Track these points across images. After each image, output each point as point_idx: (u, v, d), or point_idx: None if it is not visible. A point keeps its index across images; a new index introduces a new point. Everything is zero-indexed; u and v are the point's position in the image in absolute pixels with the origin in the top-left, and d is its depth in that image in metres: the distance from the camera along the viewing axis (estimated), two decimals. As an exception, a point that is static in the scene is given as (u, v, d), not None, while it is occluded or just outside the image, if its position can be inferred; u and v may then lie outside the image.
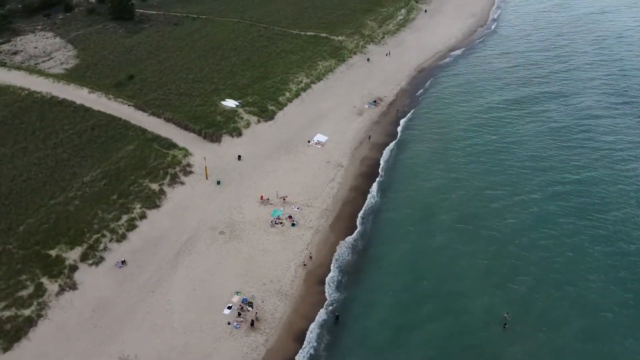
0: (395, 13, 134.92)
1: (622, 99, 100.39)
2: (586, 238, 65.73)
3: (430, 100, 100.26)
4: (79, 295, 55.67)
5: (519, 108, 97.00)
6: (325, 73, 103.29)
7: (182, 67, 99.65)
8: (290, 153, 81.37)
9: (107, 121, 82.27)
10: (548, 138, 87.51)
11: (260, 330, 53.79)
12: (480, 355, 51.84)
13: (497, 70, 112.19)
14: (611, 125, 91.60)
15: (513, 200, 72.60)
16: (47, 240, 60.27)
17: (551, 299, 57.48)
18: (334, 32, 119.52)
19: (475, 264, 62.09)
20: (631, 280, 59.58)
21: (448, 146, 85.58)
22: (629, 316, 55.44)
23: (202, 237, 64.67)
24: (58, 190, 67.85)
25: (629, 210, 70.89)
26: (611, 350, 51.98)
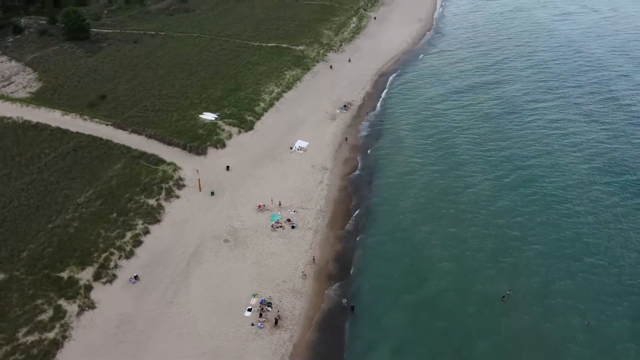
0: (347, 21, 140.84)
1: (547, 84, 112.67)
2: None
3: (395, 101, 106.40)
4: (99, 313, 56.05)
5: (471, 98, 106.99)
6: (294, 82, 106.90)
7: (153, 84, 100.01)
8: (276, 160, 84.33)
9: (88, 142, 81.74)
10: (503, 120, 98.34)
11: (284, 327, 56.50)
12: (481, 323, 57.16)
13: (448, 68, 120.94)
14: (540, 108, 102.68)
15: (482, 180, 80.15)
16: (55, 264, 59.97)
17: (535, 270, 63.95)
18: (294, 42, 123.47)
19: (463, 243, 68.00)
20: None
21: (417, 138, 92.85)
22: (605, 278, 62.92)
23: (208, 247, 66.39)
24: (53, 213, 67.21)
25: (572, 175, 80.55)
26: (594, 309, 58.90)
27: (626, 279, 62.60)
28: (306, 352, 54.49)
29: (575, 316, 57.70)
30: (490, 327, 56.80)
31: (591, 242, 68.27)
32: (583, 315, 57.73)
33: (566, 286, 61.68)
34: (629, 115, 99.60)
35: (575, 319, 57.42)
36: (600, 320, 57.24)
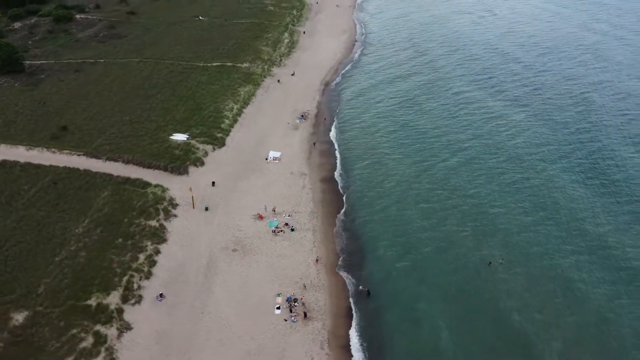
0: (280, 37, 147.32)
1: (469, 78, 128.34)
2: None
3: (344, 106, 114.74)
4: (137, 333, 57.45)
5: (408, 95, 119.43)
6: (249, 98, 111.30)
7: (113, 111, 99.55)
8: (256, 171, 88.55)
9: (66, 174, 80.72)
10: (438, 112, 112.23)
11: (314, 318, 61.49)
12: (471, 285, 66.60)
13: (383, 71, 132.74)
14: (466, 98, 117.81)
15: (435, 163, 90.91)
16: (77, 293, 60.21)
17: (512, 239, 74.60)
18: (237, 60, 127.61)
19: (436, 214, 77.88)
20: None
21: (372, 135, 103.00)
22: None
23: (220, 258, 69.47)
24: (56, 247, 66.64)
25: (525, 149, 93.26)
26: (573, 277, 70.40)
27: (573, 227, 75.36)
28: (341, 337, 60.09)
29: (534, 252, 68.95)
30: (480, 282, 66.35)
31: (537, 201, 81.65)
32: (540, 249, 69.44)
33: (526, 235, 73.84)
34: (543, 97, 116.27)
35: (534, 255, 68.68)
36: (559, 261, 69.01)
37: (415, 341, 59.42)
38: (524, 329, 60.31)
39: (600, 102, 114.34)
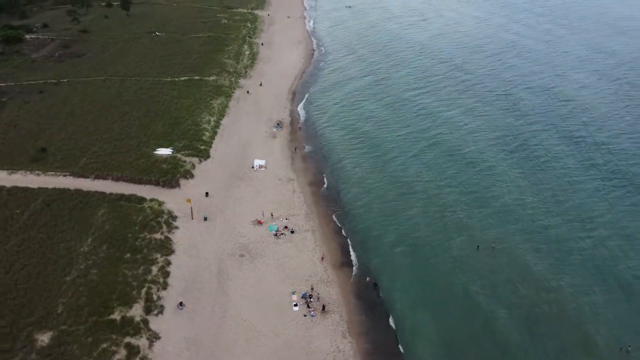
0: (241, 49, 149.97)
1: (417, 77, 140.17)
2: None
3: (316, 112, 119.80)
4: (166, 341, 58.77)
5: (371, 96, 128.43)
6: (223, 109, 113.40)
7: (90, 130, 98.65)
8: (245, 180, 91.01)
9: (57, 195, 79.88)
10: (400, 108, 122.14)
11: (332, 311, 65.14)
12: (458, 266, 73.22)
13: (344, 75, 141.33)
14: (420, 95, 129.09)
15: (408, 157, 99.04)
16: (98, 309, 60.69)
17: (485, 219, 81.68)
18: (203, 74, 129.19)
19: (420, 202, 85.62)
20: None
21: (346, 136, 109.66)
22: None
23: (229, 264, 71.62)
24: (65, 267, 66.42)
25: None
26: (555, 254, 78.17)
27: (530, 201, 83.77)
28: (359, 325, 64.21)
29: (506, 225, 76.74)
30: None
31: (498, 182, 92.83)
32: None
33: (492, 212, 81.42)
34: (485, 91, 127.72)
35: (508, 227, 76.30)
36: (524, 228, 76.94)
37: (424, 324, 64.51)
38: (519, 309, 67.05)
39: (529, 95, 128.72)
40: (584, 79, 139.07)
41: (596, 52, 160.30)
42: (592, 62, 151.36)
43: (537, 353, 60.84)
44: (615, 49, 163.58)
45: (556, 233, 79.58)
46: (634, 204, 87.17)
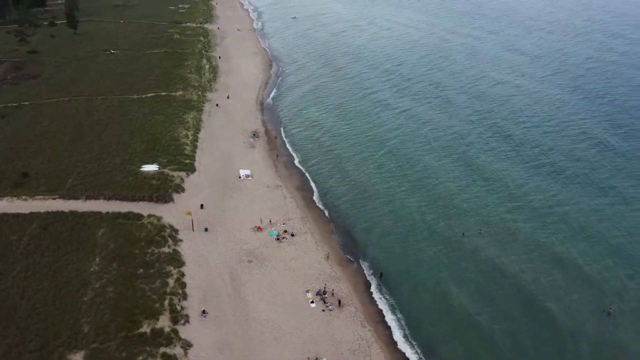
0: (200, 63, 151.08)
1: (374, 79, 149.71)
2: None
3: (287, 118, 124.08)
4: (199, 348, 60.62)
5: (334, 100, 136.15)
6: (198, 124, 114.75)
7: (68, 152, 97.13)
8: (235, 190, 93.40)
9: (52, 218, 78.92)
10: (360, 108, 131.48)
11: (347, 304, 69.42)
12: (447, 251, 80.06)
13: (307, 82, 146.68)
14: (379, 97, 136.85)
15: (375, 152, 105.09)
16: (125, 324, 61.55)
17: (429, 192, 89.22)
18: (169, 89, 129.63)
19: (398, 189, 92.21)
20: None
21: (321, 138, 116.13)
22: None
23: (240, 270, 74.13)
24: (79, 288, 66.44)
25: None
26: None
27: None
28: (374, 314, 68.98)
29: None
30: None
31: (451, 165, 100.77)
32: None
33: (465, 192, 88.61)
34: (438, 89, 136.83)
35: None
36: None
37: (428, 305, 70.51)
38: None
39: (484, 89, 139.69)
40: (505, 75, 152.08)
41: (511, 50, 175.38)
42: (509, 60, 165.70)
43: (524, 319, 68.14)
44: (526, 47, 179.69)
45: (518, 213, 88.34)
46: (585, 183, 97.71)
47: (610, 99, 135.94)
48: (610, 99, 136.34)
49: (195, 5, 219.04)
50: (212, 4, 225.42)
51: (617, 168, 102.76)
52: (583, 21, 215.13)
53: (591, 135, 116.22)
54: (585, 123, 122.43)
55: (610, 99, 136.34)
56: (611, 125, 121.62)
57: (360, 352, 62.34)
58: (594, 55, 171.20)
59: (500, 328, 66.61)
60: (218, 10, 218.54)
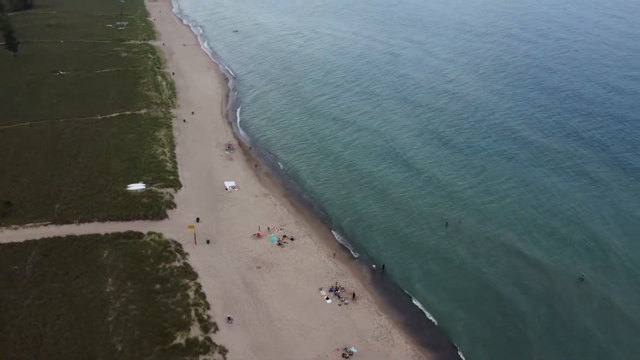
0: (156, 80, 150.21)
1: (326, 81, 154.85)
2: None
3: (256, 128, 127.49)
4: (235, 352, 63.11)
5: (295, 104, 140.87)
6: (171, 140, 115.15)
7: (47, 177, 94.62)
8: (225, 202, 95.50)
9: (51, 244, 77.68)
10: (317, 110, 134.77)
11: (360, 297, 74.32)
12: (427, 240, 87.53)
13: (267, 90, 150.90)
14: (331, 96, 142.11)
15: (342, 150, 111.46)
16: (158, 339, 62.89)
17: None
18: (132, 108, 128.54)
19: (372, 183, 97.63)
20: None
21: (292, 143, 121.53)
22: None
23: (251, 277, 76.89)
24: (100, 309, 66.68)
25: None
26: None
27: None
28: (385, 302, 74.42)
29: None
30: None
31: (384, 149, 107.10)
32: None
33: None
34: (388, 89, 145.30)
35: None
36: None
37: (431, 288, 77.24)
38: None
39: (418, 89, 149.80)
40: (455, 73, 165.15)
41: (451, 51, 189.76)
42: (453, 60, 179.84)
43: (502, 285, 77.49)
44: (463, 48, 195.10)
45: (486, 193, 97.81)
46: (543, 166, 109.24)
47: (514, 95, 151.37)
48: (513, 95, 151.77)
49: (133, 22, 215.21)
50: (149, 21, 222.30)
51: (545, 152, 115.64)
52: (487, 25, 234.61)
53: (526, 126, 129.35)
54: (508, 116, 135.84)
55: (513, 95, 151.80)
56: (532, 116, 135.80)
57: (383, 338, 67.46)
58: (504, 55, 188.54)
59: (492, 296, 76.18)
60: (158, 26, 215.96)
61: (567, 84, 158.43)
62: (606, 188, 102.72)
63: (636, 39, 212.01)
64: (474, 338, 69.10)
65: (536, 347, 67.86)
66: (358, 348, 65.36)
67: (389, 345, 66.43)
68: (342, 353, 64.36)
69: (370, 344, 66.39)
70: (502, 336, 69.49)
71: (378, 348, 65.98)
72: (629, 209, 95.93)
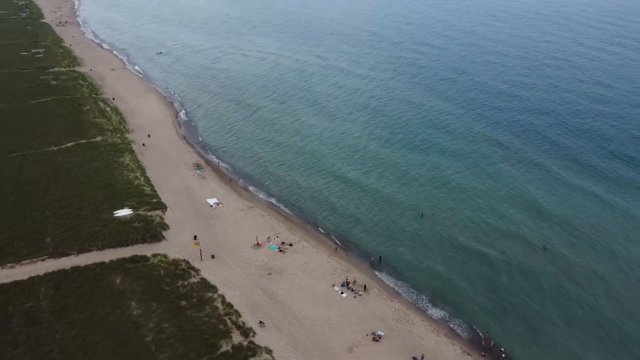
0: (98, 106, 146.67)
1: (269, 92, 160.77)
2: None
3: (218, 147, 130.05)
4: (278, 351, 67.35)
5: (245, 112, 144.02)
6: (138, 164, 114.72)
7: (25, 212, 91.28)
8: (214, 218, 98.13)
9: (58, 277, 76.48)
10: (269, 118, 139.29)
11: (371, 287, 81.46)
12: (404, 230, 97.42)
13: (215, 107, 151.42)
14: (281, 107, 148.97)
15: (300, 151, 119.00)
16: (203, 350, 65.53)
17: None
18: (85, 136, 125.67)
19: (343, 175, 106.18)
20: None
21: (257, 153, 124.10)
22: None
23: (266, 284, 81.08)
24: (134, 331, 67.69)
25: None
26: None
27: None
28: (393, 289, 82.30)
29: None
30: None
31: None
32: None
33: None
34: (325, 94, 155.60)
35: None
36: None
37: (418, 269, 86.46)
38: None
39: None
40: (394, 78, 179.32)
41: (388, 57, 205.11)
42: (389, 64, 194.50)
43: (475, 256, 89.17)
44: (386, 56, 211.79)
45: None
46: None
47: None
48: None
49: (49, 49, 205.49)
50: (66, 47, 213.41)
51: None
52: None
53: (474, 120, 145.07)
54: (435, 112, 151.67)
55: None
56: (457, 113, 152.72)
57: (402, 319, 75.19)
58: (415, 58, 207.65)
59: (473, 267, 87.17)
60: (77, 52, 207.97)
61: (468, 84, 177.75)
62: (545, 170, 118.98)
63: (507, 44, 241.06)
64: (472, 305, 79.12)
65: (516, 302, 79.68)
66: (384, 331, 72.43)
67: (409, 324, 74.26)
68: (372, 337, 71.06)
69: (393, 326, 73.74)
70: (482, 293, 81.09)
71: (400, 328, 73.52)
72: (570, 185, 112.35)
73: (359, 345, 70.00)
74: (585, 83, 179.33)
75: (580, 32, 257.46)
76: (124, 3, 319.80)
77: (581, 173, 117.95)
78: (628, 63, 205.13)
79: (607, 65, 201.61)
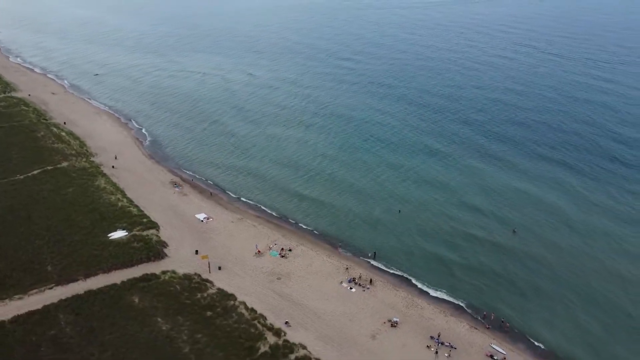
0: (52, 131, 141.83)
1: (237, 106, 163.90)
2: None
3: (188, 164, 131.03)
4: (312, 346, 71.69)
5: (205, 125, 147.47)
6: (116, 187, 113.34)
7: (14, 244, 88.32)
8: (209, 232, 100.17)
9: (74, 304, 75.87)
10: (238, 131, 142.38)
11: (376, 281, 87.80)
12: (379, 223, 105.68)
13: (172, 122, 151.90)
14: (252, 119, 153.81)
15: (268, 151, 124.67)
16: (242, 353, 68.65)
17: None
18: (50, 162, 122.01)
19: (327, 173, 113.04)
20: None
21: (225, 160, 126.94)
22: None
23: (278, 288, 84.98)
24: (169, 344, 69.26)
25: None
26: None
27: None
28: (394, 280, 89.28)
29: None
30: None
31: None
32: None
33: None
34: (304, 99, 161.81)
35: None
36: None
37: (411, 259, 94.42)
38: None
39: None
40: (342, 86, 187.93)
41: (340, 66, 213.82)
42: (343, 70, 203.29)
43: (451, 240, 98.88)
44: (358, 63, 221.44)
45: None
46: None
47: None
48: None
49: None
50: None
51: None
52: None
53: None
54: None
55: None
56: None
57: (411, 305, 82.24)
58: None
59: (455, 254, 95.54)
60: (7, 77, 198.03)
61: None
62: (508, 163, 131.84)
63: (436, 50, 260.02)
64: (466, 285, 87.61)
65: (504, 277, 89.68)
66: (398, 317, 79.06)
67: (418, 309, 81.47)
68: (390, 324, 77.43)
69: (405, 312, 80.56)
70: (474, 275, 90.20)
71: (412, 313, 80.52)
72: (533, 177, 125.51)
73: (379, 332, 76.06)
74: (508, 82, 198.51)
75: (480, 40, 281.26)
76: (40, 26, 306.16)
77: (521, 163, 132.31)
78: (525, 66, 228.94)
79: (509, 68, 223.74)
